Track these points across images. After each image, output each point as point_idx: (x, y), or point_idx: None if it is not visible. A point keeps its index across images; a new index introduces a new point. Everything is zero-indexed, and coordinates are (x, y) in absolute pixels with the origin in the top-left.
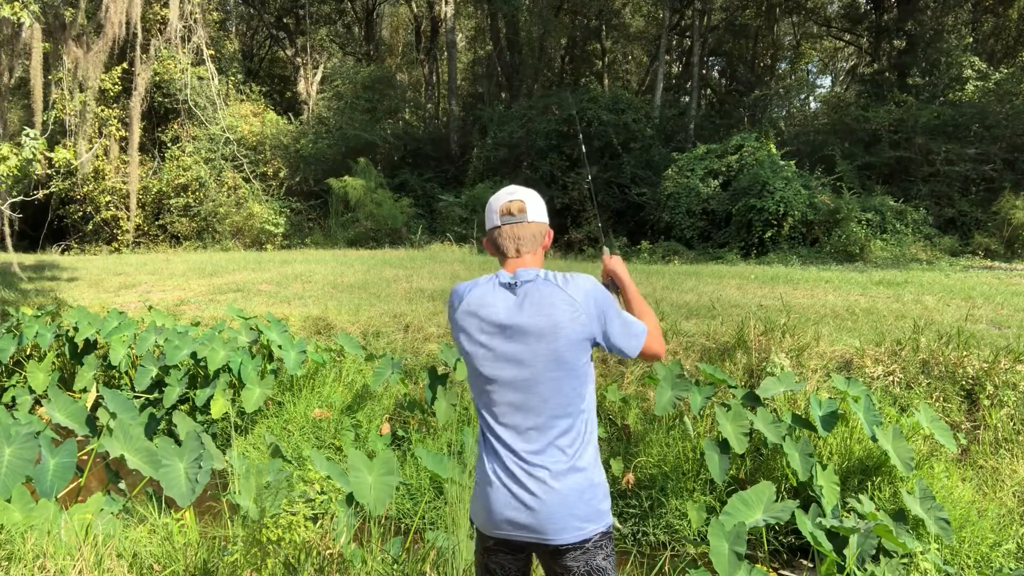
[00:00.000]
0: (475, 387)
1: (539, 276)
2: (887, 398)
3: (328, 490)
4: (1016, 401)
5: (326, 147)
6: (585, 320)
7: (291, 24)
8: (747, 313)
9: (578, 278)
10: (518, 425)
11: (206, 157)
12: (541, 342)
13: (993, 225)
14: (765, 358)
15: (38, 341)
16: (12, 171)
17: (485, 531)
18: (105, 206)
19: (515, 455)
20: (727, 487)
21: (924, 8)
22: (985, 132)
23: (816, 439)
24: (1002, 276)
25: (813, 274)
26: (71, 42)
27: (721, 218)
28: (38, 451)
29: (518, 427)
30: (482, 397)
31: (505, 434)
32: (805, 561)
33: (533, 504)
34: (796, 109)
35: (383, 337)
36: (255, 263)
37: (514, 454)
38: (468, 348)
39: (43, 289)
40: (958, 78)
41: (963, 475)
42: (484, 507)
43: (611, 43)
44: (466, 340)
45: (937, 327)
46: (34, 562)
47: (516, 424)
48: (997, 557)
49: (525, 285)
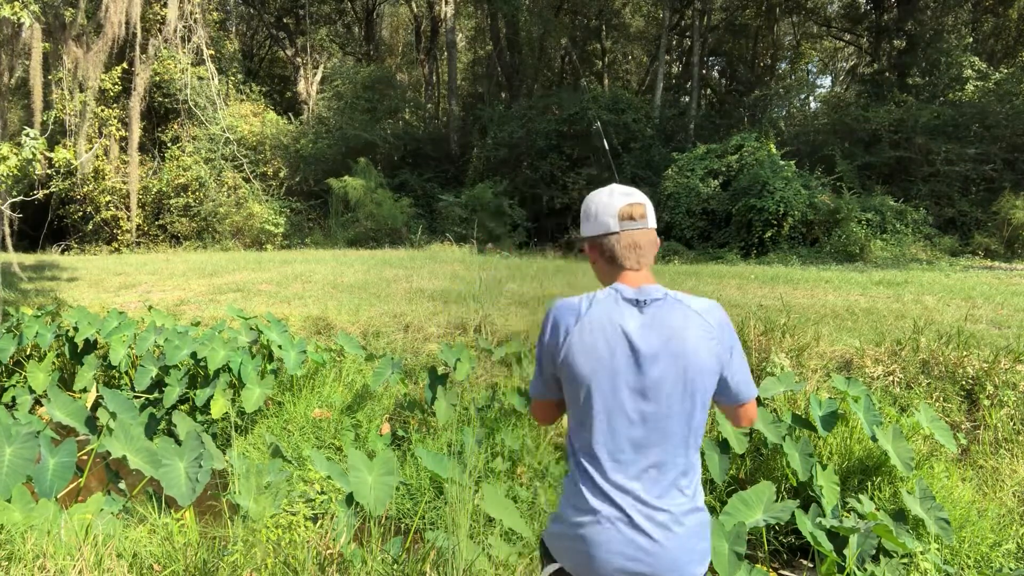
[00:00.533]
0: (582, 418)
1: (668, 295)
2: (887, 398)
3: (328, 490)
4: (1016, 401)
5: (326, 147)
6: (719, 350)
7: (291, 24)
8: (747, 313)
9: (709, 302)
10: (637, 463)
11: (206, 157)
12: (675, 370)
13: (993, 225)
14: (765, 358)
15: (38, 341)
16: (12, 171)
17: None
18: (105, 206)
19: (634, 498)
20: (727, 487)
21: (924, 8)
22: (985, 132)
23: (816, 439)
24: (1002, 276)
25: (813, 274)
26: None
27: (721, 218)
28: (38, 451)
29: (637, 465)
30: (592, 430)
31: (618, 474)
32: (805, 561)
33: (654, 550)
34: (796, 109)
35: (383, 337)
36: (255, 263)
37: (632, 496)
38: (587, 374)
39: (43, 289)
40: (958, 78)
41: (963, 475)
42: (588, 555)
43: (611, 43)
44: (585, 364)
45: (937, 327)
46: (34, 562)
47: (634, 461)
48: (997, 557)
49: (654, 304)
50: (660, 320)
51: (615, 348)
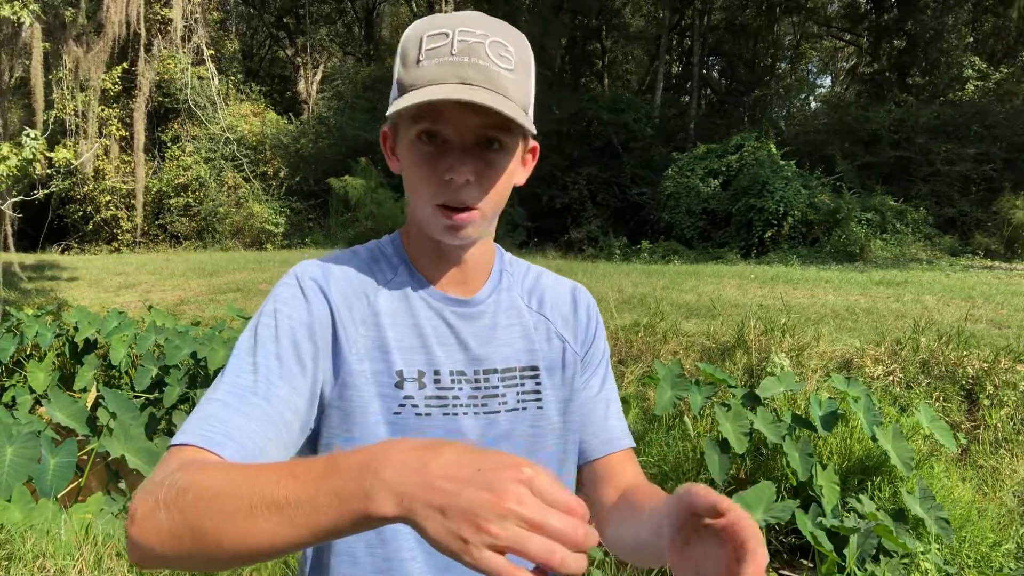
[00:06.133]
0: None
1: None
2: (887, 398)
3: None
4: (1016, 401)
5: (326, 147)
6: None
7: (291, 24)
8: (747, 313)
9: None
10: None
11: (206, 157)
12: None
13: (993, 225)
14: (765, 358)
15: (38, 341)
16: (12, 171)
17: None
18: (105, 206)
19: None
20: (727, 487)
21: (924, 8)
22: (985, 132)
23: (816, 439)
24: (1002, 276)
25: (813, 274)
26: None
27: (721, 218)
28: (39, 451)
29: None
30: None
31: None
32: (805, 561)
33: None
34: (796, 109)
35: None
36: (255, 263)
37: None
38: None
39: (43, 289)
40: (958, 78)
41: (963, 475)
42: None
43: (611, 43)
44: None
45: (937, 327)
46: (34, 562)
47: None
48: (997, 557)
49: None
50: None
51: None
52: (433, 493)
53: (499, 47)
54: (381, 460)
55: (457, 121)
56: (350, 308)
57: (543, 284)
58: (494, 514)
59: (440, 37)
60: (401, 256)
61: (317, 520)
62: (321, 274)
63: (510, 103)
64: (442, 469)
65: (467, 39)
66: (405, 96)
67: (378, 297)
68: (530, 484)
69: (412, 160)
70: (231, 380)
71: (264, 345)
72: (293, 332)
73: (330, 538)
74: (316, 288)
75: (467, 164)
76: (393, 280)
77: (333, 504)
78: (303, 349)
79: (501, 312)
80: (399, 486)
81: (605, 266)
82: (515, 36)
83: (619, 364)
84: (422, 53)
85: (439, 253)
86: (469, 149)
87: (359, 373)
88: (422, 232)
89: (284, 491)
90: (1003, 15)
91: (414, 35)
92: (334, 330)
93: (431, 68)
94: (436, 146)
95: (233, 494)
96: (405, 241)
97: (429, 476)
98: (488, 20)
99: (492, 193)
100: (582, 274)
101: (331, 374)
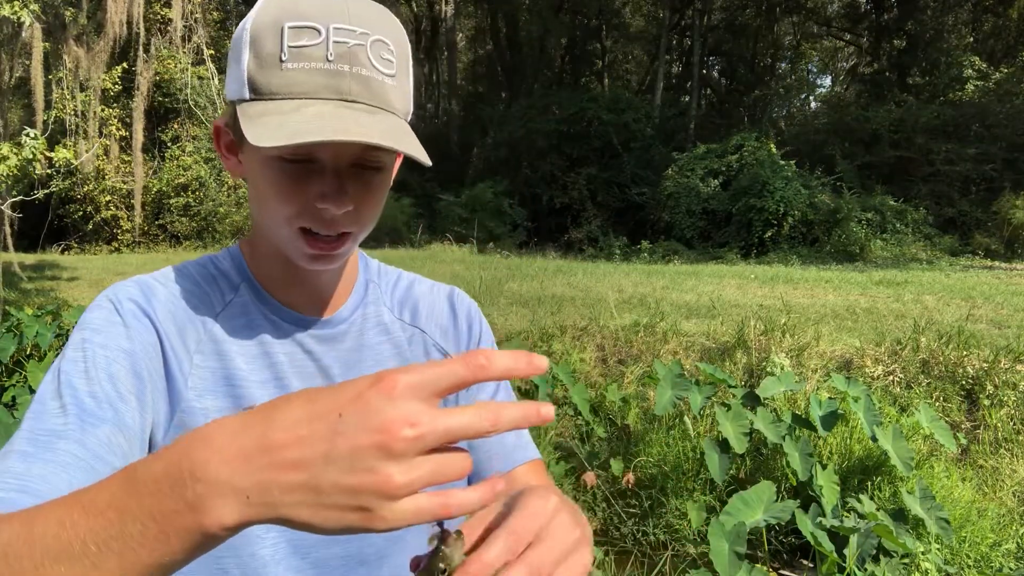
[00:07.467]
0: None
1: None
2: (887, 398)
3: None
4: (1016, 401)
5: None
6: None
7: None
8: (747, 313)
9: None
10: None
11: (206, 157)
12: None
13: (993, 225)
14: (765, 358)
15: (38, 341)
16: (12, 171)
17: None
18: (105, 206)
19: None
20: (727, 487)
21: (924, 8)
22: (985, 132)
23: (816, 439)
24: (1002, 276)
25: (813, 274)
26: (71, 41)
27: (721, 218)
28: None
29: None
30: None
31: None
32: (805, 561)
33: None
34: (796, 109)
35: None
36: None
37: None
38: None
39: (43, 289)
40: (958, 78)
41: (963, 475)
42: None
43: (611, 43)
44: None
45: (937, 327)
46: None
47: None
48: (997, 557)
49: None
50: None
51: None
52: (290, 470)
53: (380, 47)
54: (199, 455)
55: (335, 146)
56: (182, 334)
57: (416, 293)
58: (387, 457)
59: (309, 33)
60: (243, 273)
61: (136, 557)
62: (141, 295)
63: (396, 120)
64: (289, 432)
65: (346, 40)
66: (269, 115)
67: (216, 321)
68: (408, 391)
69: (269, 178)
70: (30, 427)
71: (71, 383)
72: (109, 363)
73: (172, 571)
74: (137, 311)
75: (346, 192)
76: (234, 300)
77: (150, 532)
78: (123, 383)
79: (368, 330)
80: (238, 479)
81: (605, 266)
82: (393, 27)
83: (619, 364)
84: (285, 51)
85: (292, 271)
86: (345, 171)
87: (200, 412)
88: (273, 249)
89: (75, 532)
90: (1003, 15)
91: (270, 22)
92: (164, 360)
93: (301, 75)
94: (302, 165)
95: (9, 555)
96: (247, 255)
97: (274, 450)
98: (364, 8)
99: (369, 214)
100: (582, 274)
101: (164, 415)
